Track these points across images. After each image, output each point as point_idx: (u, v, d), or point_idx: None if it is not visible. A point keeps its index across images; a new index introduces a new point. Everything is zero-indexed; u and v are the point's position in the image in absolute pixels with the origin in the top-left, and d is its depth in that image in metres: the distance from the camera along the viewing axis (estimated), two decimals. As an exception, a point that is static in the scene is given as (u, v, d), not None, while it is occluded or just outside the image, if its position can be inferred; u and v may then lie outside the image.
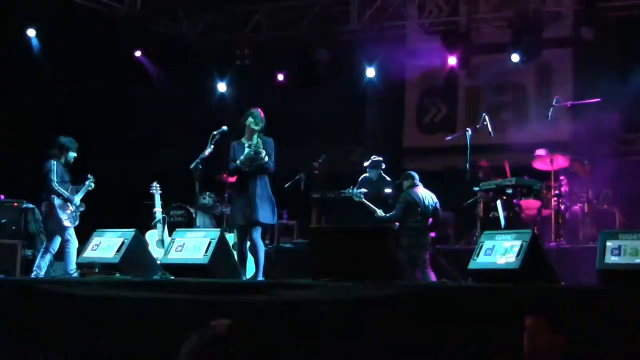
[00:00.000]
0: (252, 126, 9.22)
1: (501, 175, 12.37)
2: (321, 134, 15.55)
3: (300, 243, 12.63)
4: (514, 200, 11.46)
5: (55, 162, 10.36)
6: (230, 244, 9.20)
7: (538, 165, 11.85)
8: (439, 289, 7.15)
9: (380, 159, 12.43)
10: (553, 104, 12.50)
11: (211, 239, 8.11)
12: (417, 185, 11.12)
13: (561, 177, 11.63)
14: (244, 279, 8.94)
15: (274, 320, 6.73)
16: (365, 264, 7.16)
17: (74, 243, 10.26)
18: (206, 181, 12.23)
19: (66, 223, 10.28)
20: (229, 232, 10.75)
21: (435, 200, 11.14)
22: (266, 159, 9.09)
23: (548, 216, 11.31)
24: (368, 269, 7.12)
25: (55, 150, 10.49)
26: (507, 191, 11.62)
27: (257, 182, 9.18)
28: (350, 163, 16.01)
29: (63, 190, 10.30)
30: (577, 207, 11.55)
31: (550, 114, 12.37)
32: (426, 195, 11.05)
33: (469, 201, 12.35)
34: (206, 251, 8.04)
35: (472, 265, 7.03)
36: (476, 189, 11.98)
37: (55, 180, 10.25)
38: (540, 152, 11.99)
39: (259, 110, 9.37)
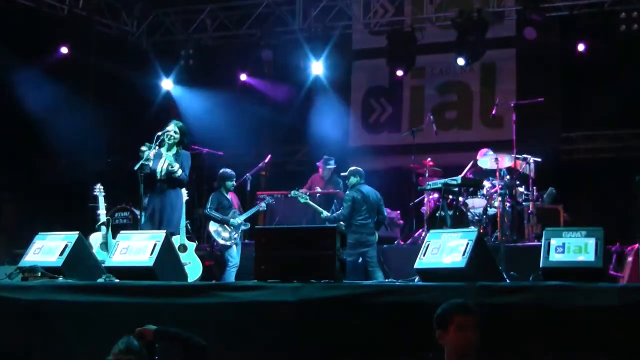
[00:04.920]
0: (174, 139, 9.55)
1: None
2: (267, 134, 15.50)
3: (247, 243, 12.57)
4: (460, 199, 11.53)
5: (213, 194, 11.71)
6: (177, 245, 9.10)
7: (483, 164, 11.94)
8: (386, 289, 7.13)
9: (327, 157, 12.54)
10: (497, 103, 12.66)
11: (156, 241, 8.00)
12: (363, 182, 11.13)
13: (506, 176, 11.73)
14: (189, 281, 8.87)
15: (219, 322, 6.67)
16: (311, 265, 7.12)
17: (233, 263, 11.34)
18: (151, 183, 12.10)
19: (222, 242, 11.41)
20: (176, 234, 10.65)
21: (380, 197, 11.16)
22: (179, 172, 9.47)
23: (493, 215, 11.40)
24: (315, 269, 7.08)
25: (217, 182, 11.82)
26: (453, 190, 11.68)
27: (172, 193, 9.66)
28: (297, 163, 16.00)
29: (215, 214, 11.46)
30: (521, 206, 11.66)
31: (494, 113, 12.53)
32: (370, 192, 11.07)
33: (415, 200, 12.40)
34: (151, 253, 7.92)
35: (418, 264, 7.03)
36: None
37: (209, 207, 11.53)
38: (485, 151, 12.10)
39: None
